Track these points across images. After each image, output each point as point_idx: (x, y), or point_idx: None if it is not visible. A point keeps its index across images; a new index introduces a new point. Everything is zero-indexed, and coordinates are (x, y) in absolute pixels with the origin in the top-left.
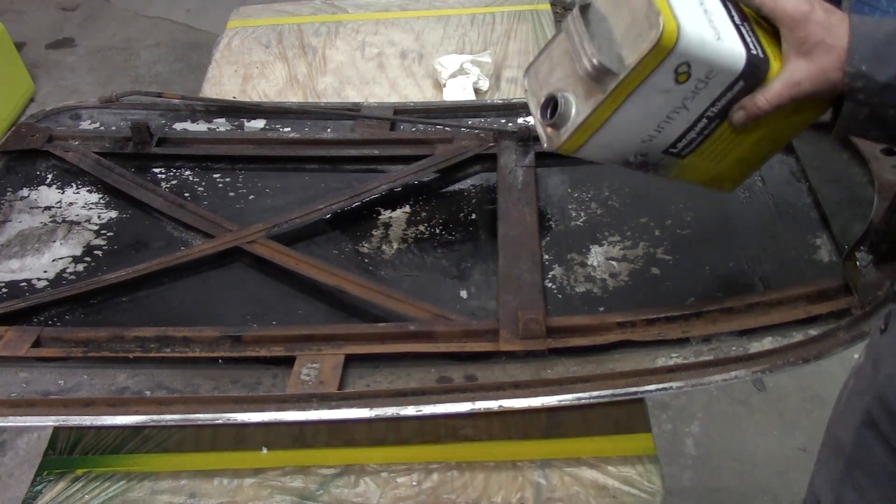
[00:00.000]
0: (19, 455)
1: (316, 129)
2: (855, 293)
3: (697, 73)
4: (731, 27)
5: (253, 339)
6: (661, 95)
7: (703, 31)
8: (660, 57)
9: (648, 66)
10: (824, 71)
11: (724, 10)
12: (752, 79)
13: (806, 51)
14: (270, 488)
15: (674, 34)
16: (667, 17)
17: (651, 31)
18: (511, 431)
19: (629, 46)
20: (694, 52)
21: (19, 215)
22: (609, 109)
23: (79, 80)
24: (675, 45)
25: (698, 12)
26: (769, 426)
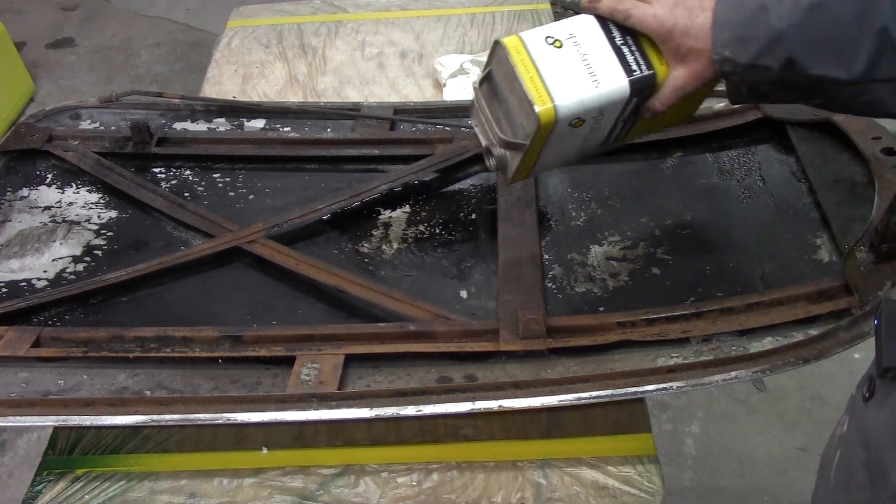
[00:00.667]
0: (19, 455)
1: (316, 129)
2: (855, 293)
3: (589, 116)
4: (610, 58)
5: (253, 339)
6: (570, 136)
7: (579, 89)
8: (548, 130)
9: (543, 135)
10: (699, 72)
11: (604, 36)
12: (644, 92)
13: (680, 58)
14: (270, 488)
15: (550, 114)
16: (540, 102)
17: (531, 118)
18: (511, 431)
19: (523, 121)
20: (576, 111)
21: (19, 215)
22: (532, 157)
23: (79, 79)
24: (556, 119)
25: (573, 66)
26: (769, 426)
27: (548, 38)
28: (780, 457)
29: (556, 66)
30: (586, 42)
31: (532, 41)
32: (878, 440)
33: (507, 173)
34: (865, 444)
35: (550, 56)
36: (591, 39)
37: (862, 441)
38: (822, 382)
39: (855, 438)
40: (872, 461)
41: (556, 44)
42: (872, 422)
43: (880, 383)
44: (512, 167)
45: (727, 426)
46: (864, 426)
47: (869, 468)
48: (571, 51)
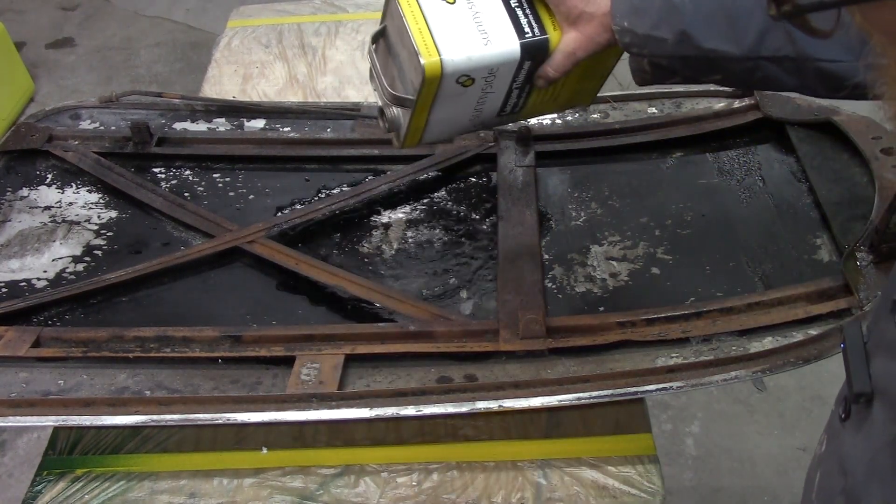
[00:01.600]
0: (19, 455)
1: (316, 128)
2: (855, 293)
3: (479, 75)
4: (503, 18)
5: (253, 339)
6: (460, 97)
7: (468, 45)
8: (434, 85)
9: (431, 91)
10: (591, 37)
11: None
12: (536, 56)
13: (572, 21)
14: (270, 488)
15: (436, 67)
16: (427, 54)
17: (417, 70)
18: (511, 431)
19: (411, 75)
20: (464, 67)
21: (19, 215)
22: (422, 116)
23: (79, 79)
24: (442, 73)
25: (464, 23)
26: (769, 426)
27: None
28: (780, 457)
29: (446, 21)
30: (479, 1)
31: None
32: (854, 468)
33: (399, 135)
34: (843, 470)
35: (442, 11)
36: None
37: (840, 466)
38: (822, 382)
39: (833, 461)
40: (849, 489)
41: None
42: (849, 447)
43: (855, 408)
44: (403, 128)
45: (727, 426)
46: (842, 450)
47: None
48: (464, 8)
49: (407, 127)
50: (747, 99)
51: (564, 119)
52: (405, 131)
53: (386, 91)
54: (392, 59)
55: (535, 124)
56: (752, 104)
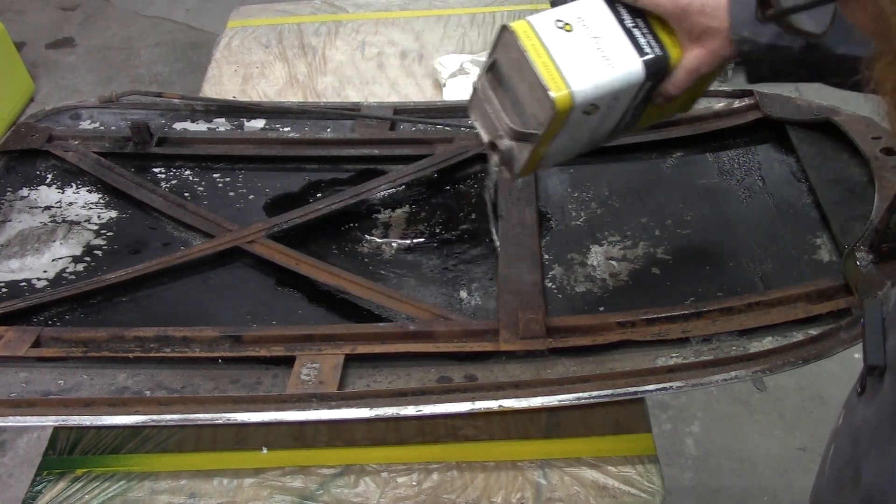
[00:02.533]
0: (19, 455)
1: (316, 129)
2: (855, 293)
3: (604, 102)
4: (622, 40)
5: (253, 339)
6: (583, 124)
7: (594, 73)
8: (563, 117)
9: (558, 123)
10: (716, 52)
11: (614, 19)
12: (657, 74)
13: (696, 38)
14: (270, 488)
15: (567, 100)
16: (555, 87)
17: (545, 104)
18: (511, 431)
19: (536, 109)
20: (592, 96)
21: (19, 215)
22: (544, 148)
23: (79, 79)
24: (572, 105)
25: (586, 49)
26: (769, 426)
27: (557, 22)
28: (780, 457)
29: (568, 50)
30: (596, 25)
31: (541, 25)
32: (861, 439)
33: (514, 168)
34: (853, 441)
35: (562, 41)
36: (601, 22)
37: (851, 438)
38: (822, 382)
39: (845, 434)
40: (855, 458)
41: (567, 27)
42: (861, 419)
43: (869, 380)
44: (520, 161)
45: (727, 426)
46: (854, 422)
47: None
48: (582, 34)
49: (526, 160)
50: (747, 99)
51: None
52: (522, 164)
53: (505, 127)
54: (502, 93)
55: None
56: (752, 104)
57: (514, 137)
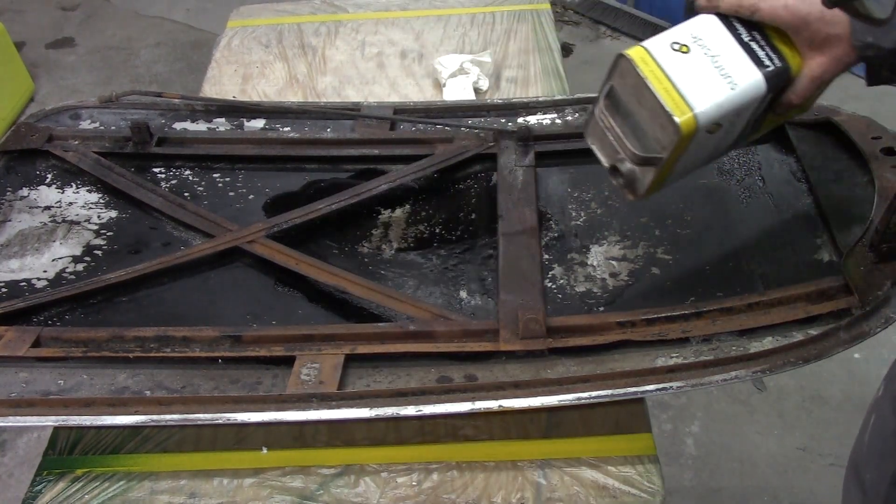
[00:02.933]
0: (19, 455)
1: (316, 128)
2: (855, 293)
3: (727, 120)
4: (740, 55)
5: (253, 339)
6: (706, 142)
7: (716, 92)
8: (688, 140)
9: (683, 146)
10: (839, 59)
11: (730, 35)
12: (779, 86)
13: (817, 46)
14: (270, 488)
15: (691, 123)
16: (678, 112)
17: (669, 129)
18: (511, 431)
19: (660, 134)
20: (715, 116)
21: (19, 215)
22: (667, 170)
23: (79, 79)
24: (696, 127)
25: (705, 69)
26: (769, 426)
27: (673, 45)
28: (780, 457)
29: (687, 72)
30: (713, 43)
31: (658, 49)
32: None
33: (638, 190)
34: None
35: (681, 63)
36: (718, 39)
37: (893, 407)
38: (822, 382)
39: (887, 404)
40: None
41: (683, 49)
42: None
43: None
44: (644, 183)
45: (727, 426)
46: None
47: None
48: (700, 54)
49: (650, 182)
50: None
51: (564, 119)
52: (647, 185)
53: (628, 153)
54: (621, 118)
55: (535, 124)
56: None
57: (637, 163)
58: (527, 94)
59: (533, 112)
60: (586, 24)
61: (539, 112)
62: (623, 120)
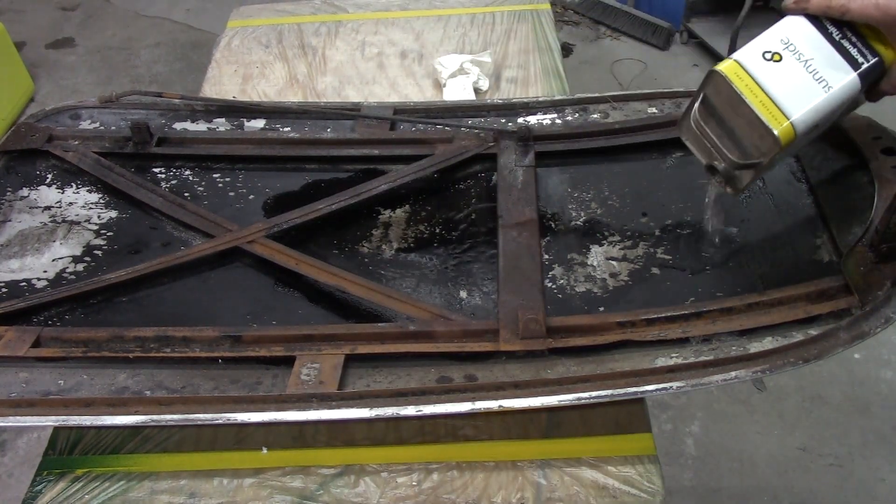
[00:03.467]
0: (19, 455)
1: (316, 129)
2: (855, 293)
3: (823, 120)
4: (833, 56)
5: (253, 339)
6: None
7: (811, 98)
8: (787, 147)
9: (782, 151)
10: None
11: (821, 35)
12: (872, 80)
13: None
14: (270, 488)
15: (789, 133)
16: (776, 124)
17: (768, 139)
18: (511, 431)
19: (759, 143)
20: (812, 121)
21: (19, 215)
22: (765, 170)
23: (79, 79)
24: (795, 136)
25: (799, 75)
26: (769, 426)
27: (765, 54)
28: (780, 457)
29: (781, 80)
30: (805, 46)
31: (750, 62)
32: None
33: (738, 187)
34: None
35: (773, 72)
36: (809, 42)
37: None
38: (822, 382)
39: None
40: None
41: (776, 57)
42: None
43: None
44: (744, 182)
45: (727, 426)
46: None
47: None
48: (792, 60)
49: (749, 180)
50: None
51: (564, 119)
52: (746, 183)
53: (728, 160)
54: (716, 123)
55: (536, 124)
56: None
57: (736, 168)
58: (527, 94)
59: (533, 112)
60: (586, 24)
61: (539, 112)
62: (720, 127)
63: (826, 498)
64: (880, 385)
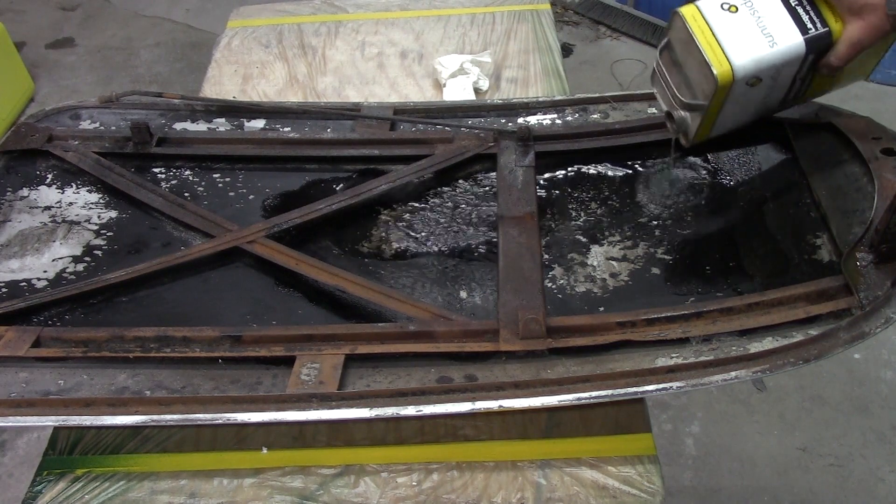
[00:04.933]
0: (19, 455)
1: (316, 129)
2: (855, 293)
3: (766, 74)
4: (784, 18)
5: (253, 339)
6: (748, 94)
7: (755, 49)
8: (726, 90)
9: (722, 95)
10: (875, 26)
11: None
12: (820, 48)
13: (856, 12)
14: (270, 488)
15: (728, 75)
16: (717, 64)
17: (709, 79)
18: (511, 431)
19: (703, 83)
20: (753, 70)
21: (19, 215)
22: (711, 117)
23: (79, 79)
24: (734, 79)
25: (749, 28)
26: (769, 426)
27: (723, 5)
28: (780, 457)
29: (731, 29)
30: (761, 4)
31: (708, 8)
32: None
33: (689, 134)
34: None
35: (726, 20)
36: (766, 2)
37: None
38: (822, 382)
39: None
40: None
41: (732, 8)
42: None
43: None
44: (692, 128)
45: (727, 426)
46: None
47: None
48: (746, 14)
49: (697, 127)
50: None
51: (564, 119)
52: (694, 131)
53: (677, 99)
54: (677, 69)
55: (535, 124)
56: None
57: (684, 108)
58: (527, 94)
59: (533, 112)
60: (586, 24)
61: (539, 112)
62: (677, 71)
63: (826, 498)
64: (880, 385)
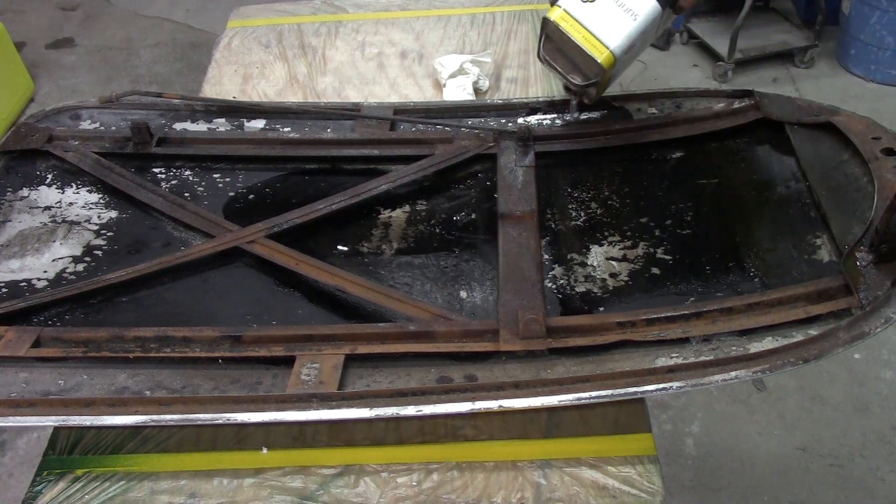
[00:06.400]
0: (19, 455)
1: (316, 129)
2: (855, 293)
3: (638, 41)
4: None
5: (253, 339)
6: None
7: (623, 27)
8: (611, 68)
9: (609, 70)
10: None
11: None
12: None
13: None
14: (270, 488)
15: (610, 59)
16: (598, 53)
17: (595, 66)
18: (511, 431)
19: (591, 69)
20: (627, 45)
21: (19, 215)
22: (605, 82)
23: (79, 79)
24: (615, 60)
25: (610, 11)
26: (769, 426)
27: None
28: (780, 457)
29: (597, 17)
30: None
31: (573, 7)
32: None
33: (591, 97)
34: None
35: (591, 12)
36: None
37: None
38: (822, 382)
39: None
40: None
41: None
42: None
43: None
44: (592, 94)
45: (727, 426)
46: None
47: None
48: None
49: (597, 92)
50: (747, 99)
51: (564, 119)
52: (595, 95)
53: (573, 84)
54: (562, 56)
55: (535, 124)
56: (751, 104)
57: (583, 87)
58: (527, 94)
59: (533, 112)
60: None
61: (539, 112)
62: (563, 59)
63: (826, 498)
64: (880, 385)
